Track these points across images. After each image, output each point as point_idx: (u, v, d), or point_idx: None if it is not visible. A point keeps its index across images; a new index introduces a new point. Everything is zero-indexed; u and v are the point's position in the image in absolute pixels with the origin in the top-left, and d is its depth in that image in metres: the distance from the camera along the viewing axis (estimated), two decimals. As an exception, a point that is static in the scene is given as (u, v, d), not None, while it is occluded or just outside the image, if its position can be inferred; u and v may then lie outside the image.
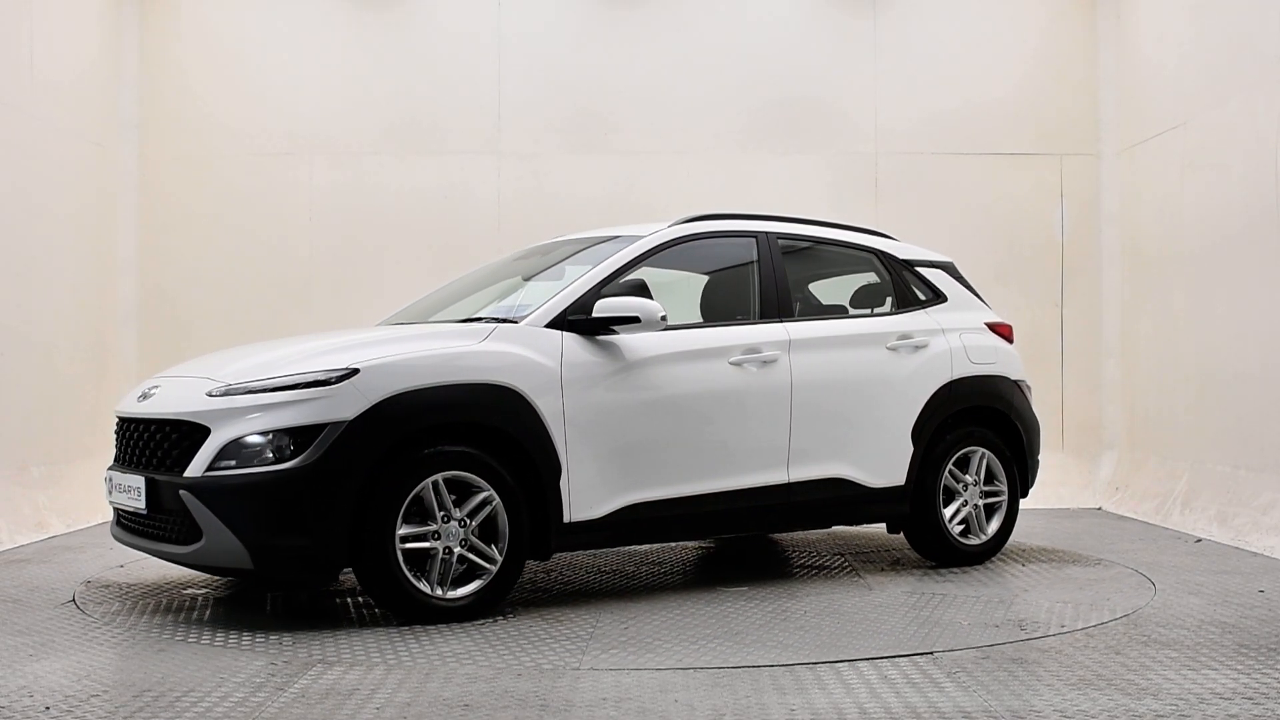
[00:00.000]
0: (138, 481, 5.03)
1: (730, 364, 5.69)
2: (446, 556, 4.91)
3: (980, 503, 6.45)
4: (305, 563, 4.76)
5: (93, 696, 3.83)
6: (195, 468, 4.79)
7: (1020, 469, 6.63)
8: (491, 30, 9.62)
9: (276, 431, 4.73)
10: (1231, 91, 7.79)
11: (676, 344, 5.59)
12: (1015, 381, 6.65)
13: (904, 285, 6.53)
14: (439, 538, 4.89)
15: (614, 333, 5.38)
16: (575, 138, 9.64)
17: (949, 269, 6.81)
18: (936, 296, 6.60)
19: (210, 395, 4.90)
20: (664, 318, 5.34)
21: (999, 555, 6.65)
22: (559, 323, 5.32)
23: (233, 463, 4.74)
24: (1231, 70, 7.79)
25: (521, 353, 5.16)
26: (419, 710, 3.68)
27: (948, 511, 6.33)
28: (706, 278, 6.48)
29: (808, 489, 5.89)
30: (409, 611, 4.86)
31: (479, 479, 4.96)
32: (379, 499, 4.77)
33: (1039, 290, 9.63)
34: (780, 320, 5.97)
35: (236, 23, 9.63)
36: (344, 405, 4.76)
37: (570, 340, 5.31)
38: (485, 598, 4.99)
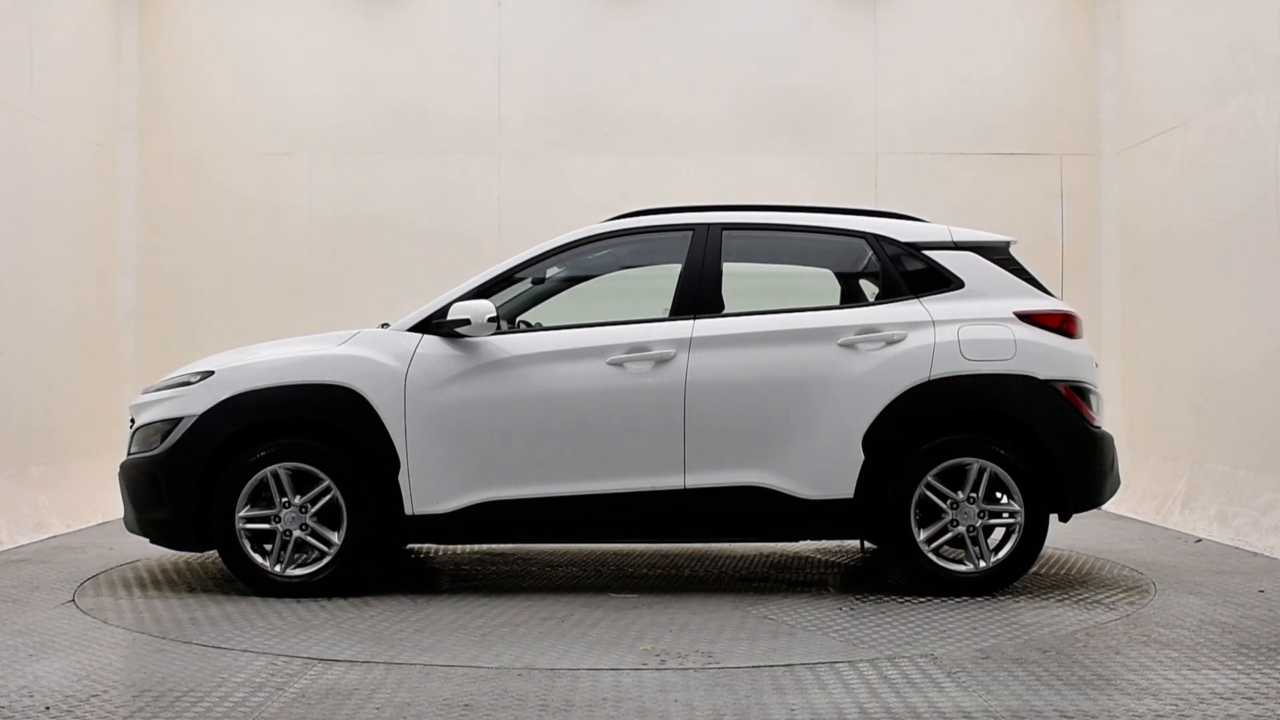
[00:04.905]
0: None
1: (608, 364, 5.49)
2: (286, 538, 5.48)
3: (979, 523, 5.47)
4: (169, 534, 5.61)
5: (93, 696, 3.83)
6: (125, 452, 5.84)
7: (1055, 486, 5.54)
8: (491, 30, 9.62)
9: (155, 423, 5.63)
10: (1231, 91, 7.79)
11: (547, 344, 5.57)
12: (1045, 382, 5.53)
13: (899, 272, 5.73)
14: (279, 521, 5.47)
15: (459, 335, 5.54)
16: (575, 138, 9.65)
17: (987, 249, 5.86)
18: (947, 283, 5.70)
19: (143, 392, 5.89)
20: (492, 319, 5.48)
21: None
22: (423, 326, 5.61)
23: (135, 448, 5.74)
24: (1231, 70, 7.79)
25: (368, 355, 5.55)
26: (419, 710, 3.68)
27: (925, 532, 5.48)
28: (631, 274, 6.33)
29: (710, 497, 5.45)
30: (254, 584, 5.51)
31: (318, 470, 5.46)
32: (225, 484, 5.47)
33: (1039, 290, 9.62)
34: (694, 317, 5.58)
35: (236, 23, 9.63)
36: (197, 402, 5.55)
37: (429, 342, 5.56)
38: (324, 578, 5.48)
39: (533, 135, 9.63)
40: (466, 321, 5.47)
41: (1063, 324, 5.75)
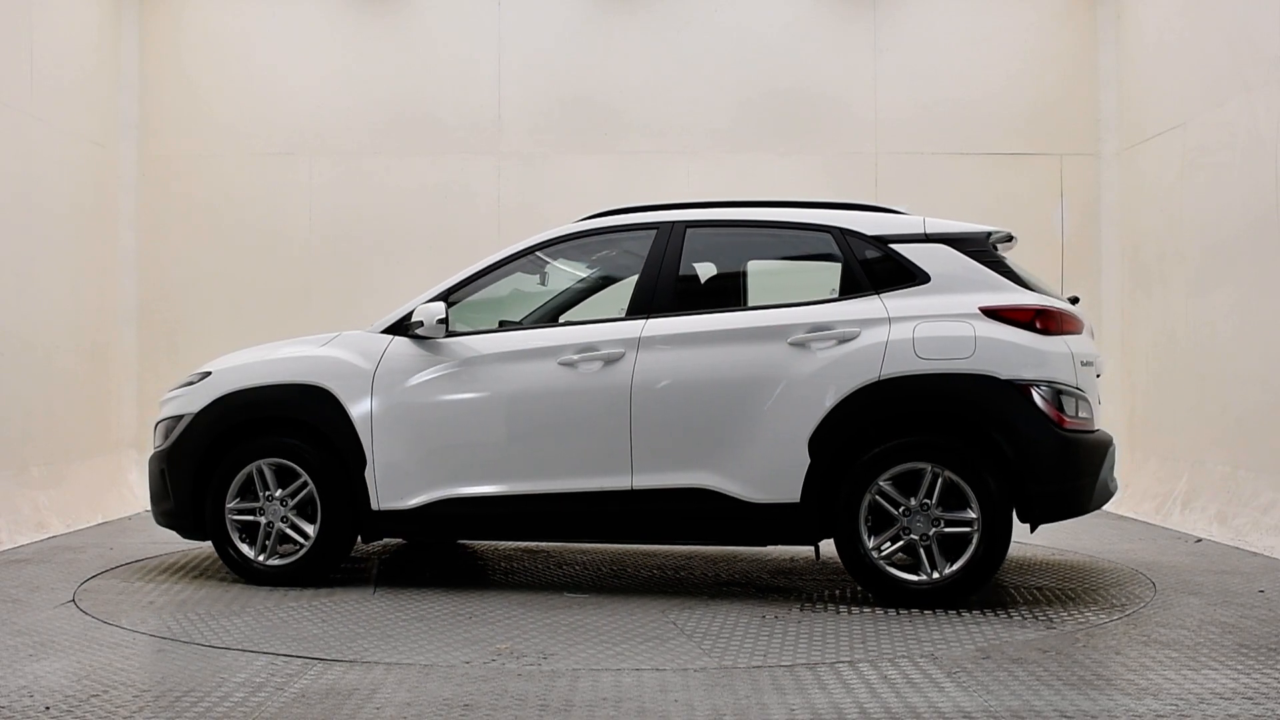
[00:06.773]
0: None
1: (560, 364, 5.52)
2: (268, 530, 5.79)
3: (932, 532, 5.14)
4: (175, 523, 5.96)
5: (93, 696, 3.83)
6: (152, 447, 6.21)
7: (1020, 494, 5.17)
8: (491, 30, 9.62)
9: (166, 419, 6.03)
10: (1231, 91, 7.79)
11: (505, 345, 5.66)
12: (1008, 382, 5.13)
13: (862, 267, 5.44)
14: (263, 513, 5.78)
15: (420, 337, 5.71)
16: (575, 138, 9.65)
17: (961, 242, 5.44)
18: (912, 277, 5.37)
19: (168, 390, 6.22)
20: (442, 321, 5.61)
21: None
22: (394, 328, 5.80)
23: (155, 443, 6.11)
24: (1231, 70, 7.79)
25: (342, 356, 5.77)
26: (419, 710, 3.68)
27: (876, 540, 5.21)
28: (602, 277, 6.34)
29: (657, 498, 5.37)
30: (240, 571, 5.83)
31: (296, 465, 5.73)
32: (218, 478, 5.81)
33: (1039, 290, 9.62)
34: (646, 316, 5.52)
35: (237, 22, 9.63)
36: (195, 401, 5.91)
37: (398, 344, 5.76)
38: (300, 569, 5.76)
39: (533, 135, 9.63)
40: (418, 324, 5.66)
41: (1037, 320, 5.27)
